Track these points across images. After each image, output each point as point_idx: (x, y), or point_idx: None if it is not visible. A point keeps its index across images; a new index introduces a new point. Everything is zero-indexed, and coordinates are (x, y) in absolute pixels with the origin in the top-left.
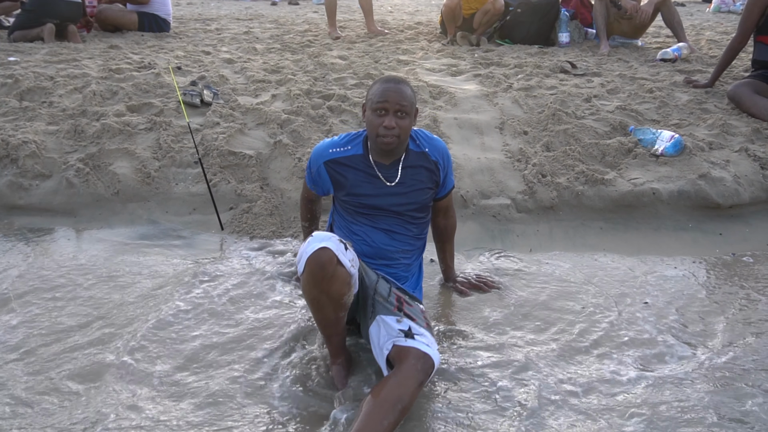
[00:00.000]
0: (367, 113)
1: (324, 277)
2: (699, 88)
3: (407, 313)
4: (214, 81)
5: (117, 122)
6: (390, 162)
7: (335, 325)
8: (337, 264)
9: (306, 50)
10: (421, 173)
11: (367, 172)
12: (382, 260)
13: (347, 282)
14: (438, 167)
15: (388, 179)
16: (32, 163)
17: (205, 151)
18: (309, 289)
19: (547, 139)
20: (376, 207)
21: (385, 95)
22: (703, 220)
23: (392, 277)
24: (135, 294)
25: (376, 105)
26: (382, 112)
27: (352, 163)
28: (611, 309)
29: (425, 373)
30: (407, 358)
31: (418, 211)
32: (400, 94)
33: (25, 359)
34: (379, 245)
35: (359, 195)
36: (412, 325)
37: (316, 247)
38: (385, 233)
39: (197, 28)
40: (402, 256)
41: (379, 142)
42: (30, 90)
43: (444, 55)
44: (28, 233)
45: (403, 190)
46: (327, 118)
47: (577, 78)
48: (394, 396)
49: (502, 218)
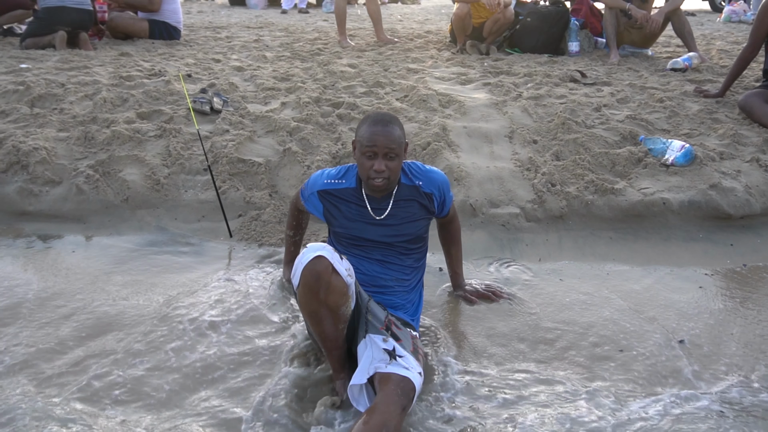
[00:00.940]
0: (357, 153)
1: (321, 288)
2: (710, 98)
3: (394, 333)
4: (224, 88)
5: (127, 129)
6: (381, 196)
7: (335, 339)
8: (333, 273)
9: (316, 58)
10: (413, 206)
11: (358, 205)
12: (376, 287)
13: (344, 292)
14: (432, 199)
15: (377, 213)
16: (42, 169)
17: (215, 159)
18: (306, 302)
19: (557, 148)
20: (367, 239)
21: (373, 139)
22: (713, 231)
23: (388, 303)
24: (138, 305)
25: (365, 149)
26: (371, 155)
27: (345, 196)
28: (621, 322)
29: (407, 397)
30: (388, 384)
31: (411, 243)
32: (389, 137)
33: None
34: (373, 274)
35: (350, 227)
36: (397, 346)
37: (311, 256)
38: (379, 263)
39: (207, 35)
40: (397, 284)
41: (370, 185)
42: (41, 97)
43: (453, 63)
44: (37, 239)
45: (393, 222)
46: (336, 126)
47: (586, 87)
48: (380, 423)
49: (511, 227)
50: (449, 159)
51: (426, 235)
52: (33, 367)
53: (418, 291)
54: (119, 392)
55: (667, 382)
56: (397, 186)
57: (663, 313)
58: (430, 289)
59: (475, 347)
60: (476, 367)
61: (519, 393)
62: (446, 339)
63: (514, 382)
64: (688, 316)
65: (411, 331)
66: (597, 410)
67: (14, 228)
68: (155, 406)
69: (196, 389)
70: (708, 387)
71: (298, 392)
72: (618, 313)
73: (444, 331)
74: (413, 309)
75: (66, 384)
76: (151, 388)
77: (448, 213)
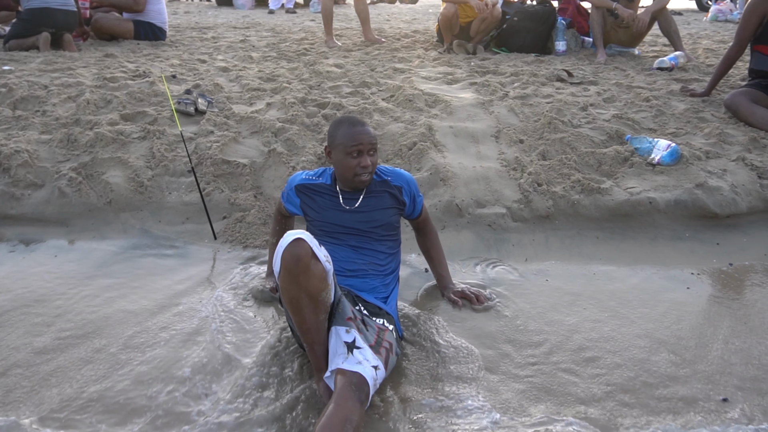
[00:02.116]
0: (336, 156)
1: (300, 271)
2: (696, 97)
3: (359, 324)
4: (209, 89)
5: (110, 131)
6: (353, 191)
7: (316, 330)
8: (313, 257)
9: (302, 58)
10: (384, 196)
11: (332, 197)
12: (351, 271)
13: (323, 277)
14: (402, 191)
15: (348, 204)
16: (24, 172)
17: (199, 160)
18: (287, 287)
19: (543, 147)
20: (341, 225)
21: (358, 138)
22: (700, 230)
23: (363, 286)
24: (120, 311)
25: (351, 148)
26: (356, 153)
27: (320, 190)
28: (607, 322)
29: (361, 391)
30: (342, 379)
31: (383, 230)
32: (370, 135)
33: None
34: (348, 259)
35: (324, 215)
36: (358, 337)
37: (290, 239)
38: (353, 249)
39: (193, 36)
40: (372, 269)
41: (356, 181)
42: (23, 99)
43: (440, 63)
44: (19, 243)
45: (364, 209)
46: (322, 126)
47: (573, 86)
48: (342, 418)
49: (498, 227)
50: (435, 159)
51: (398, 226)
52: (10, 376)
53: (395, 277)
54: (100, 403)
55: (654, 384)
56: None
57: (648, 314)
58: (414, 290)
59: (456, 347)
60: (451, 373)
61: (493, 389)
62: (427, 336)
63: (489, 381)
64: (674, 317)
65: (384, 322)
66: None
67: None
68: (137, 414)
69: (178, 395)
70: (692, 388)
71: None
72: (604, 314)
73: (425, 328)
74: (389, 292)
75: (45, 397)
76: (133, 396)
77: (421, 214)
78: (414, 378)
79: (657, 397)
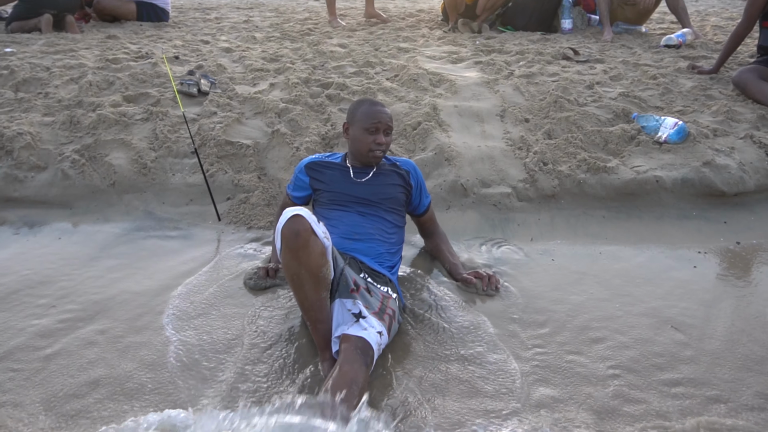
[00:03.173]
0: (354, 132)
1: (300, 246)
2: (703, 75)
3: (363, 294)
4: (212, 70)
5: (113, 113)
6: (363, 167)
7: (318, 308)
8: (312, 233)
9: (305, 38)
10: (392, 175)
11: (342, 170)
12: (358, 234)
13: (322, 253)
14: (409, 175)
15: (359, 177)
16: (27, 154)
17: (202, 141)
18: (287, 263)
19: (549, 126)
20: (349, 194)
21: (377, 116)
22: (707, 209)
23: (369, 251)
24: (125, 291)
25: (368, 125)
26: (373, 130)
27: (331, 165)
28: (612, 301)
29: (366, 355)
30: (347, 344)
31: (391, 203)
32: (388, 115)
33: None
34: (355, 223)
35: (333, 186)
36: (363, 309)
37: (289, 215)
38: (360, 214)
39: (196, 17)
40: (378, 234)
41: (370, 157)
42: (26, 81)
43: (445, 42)
44: (22, 226)
45: (374, 183)
46: (325, 106)
47: (579, 65)
48: (349, 378)
49: (503, 207)
50: (440, 139)
51: (403, 206)
52: (14, 358)
53: (399, 250)
54: (104, 385)
55: (659, 365)
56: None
57: (654, 292)
58: (419, 269)
59: (462, 325)
60: (455, 350)
61: (501, 366)
62: (433, 319)
63: (496, 359)
64: (680, 295)
65: (389, 290)
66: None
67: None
68: (141, 395)
69: (183, 379)
70: (698, 368)
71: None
72: (609, 294)
73: (431, 312)
74: (394, 263)
75: (50, 377)
76: (137, 378)
77: (427, 211)
78: (420, 352)
79: (662, 378)
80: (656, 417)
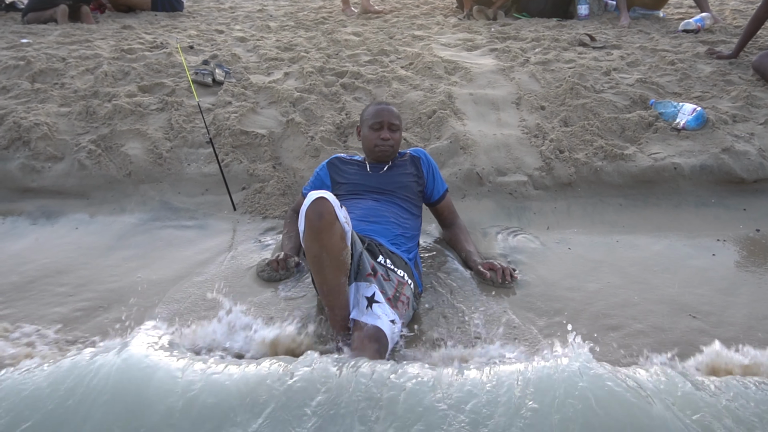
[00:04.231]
0: (363, 131)
1: (323, 228)
2: (722, 60)
3: (378, 280)
4: (227, 60)
5: (129, 103)
6: (380, 163)
7: (337, 293)
8: (335, 217)
9: (320, 27)
10: (405, 165)
11: (360, 166)
12: (375, 217)
13: (342, 236)
14: (420, 162)
15: (374, 171)
16: (44, 145)
17: (217, 131)
18: (309, 245)
19: (565, 113)
20: (364, 184)
21: (380, 114)
22: (726, 196)
23: (385, 231)
24: (143, 281)
25: (372, 122)
26: (377, 126)
27: (351, 162)
28: (629, 288)
29: (379, 342)
30: (360, 331)
31: (404, 191)
32: (392, 113)
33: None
34: (369, 207)
35: (350, 179)
36: (377, 292)
37: (313, 197)
38: (375, 200)
39: (211, 6)
40: (393, 217)
41: (377, 151)
42: (42, 72)
43: (460, 29)
44: (40, 216)
45: (387, 173)
46: (340, 95)
47: (596, 51)
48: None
49: (519, 195)
50: (455, 127)
51: (418, 196)
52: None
53: (416, 237)
54: None
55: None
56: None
57: (671, 279)
58: (437, 262)
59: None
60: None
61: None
62: (439, 308)
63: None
64: (698, 284)
65: (405, 275)
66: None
67: (17, 205)
68: None
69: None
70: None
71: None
72: (626, 281)
73: (448, 304)
74: (412, 249)
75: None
76: None
77: (443, 198)
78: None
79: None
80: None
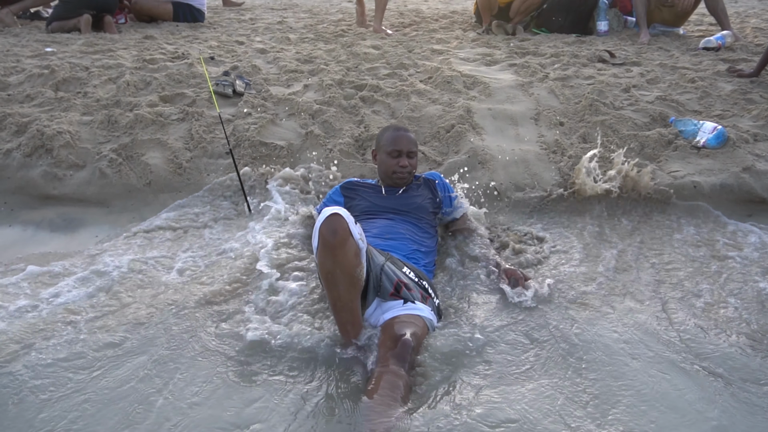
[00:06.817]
0: (380, 156)
1: (337, 244)
2: (744, 78)
3: (405, 294)
4: (247, 71)
5: (150, 113)
6: (395, 187)
7: (349, 309)
8: (349, 233)
9: (339, 40)
10: (420, 188)
11: (375, 189)
12: (391, 234)
13: (357, 253)
14: (435, 186)
15: (389, 194)
16: (66, 153)
17: (237, 142)
18: (323, 261)
19: (584, 130)
20: (380, 205)
21: (398, 143)
22: (744, 216)
23: (403, 247)
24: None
25: (391, 149)
26: (396, 154)
27: (365, 186)
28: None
29: (417, 326)
30: (397, 317)
31: (419, 211)
32: (410, 140)
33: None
34: (386, 226)
35: (365, 201)
36: (407, 296)
37: (328, 213)
38: (390, 220)
39: (231, 18)
40: (410, 235)
41: (395, 178)
42: (65, 80)
43: (479, 44)
44: (61, 224)
45: (403, 196)
46: (359, 108)
47: (615, 68)
48: (389, 382)
49: (536, 211)
50: (473, 141)
51: (433, 216)
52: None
53: (433, 255)
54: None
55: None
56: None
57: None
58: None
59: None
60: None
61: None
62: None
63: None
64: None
65: (429, 289)
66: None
67: (39, 212)
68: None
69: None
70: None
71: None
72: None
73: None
74: (428, 259)
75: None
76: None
77: (461, 218)
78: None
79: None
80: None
